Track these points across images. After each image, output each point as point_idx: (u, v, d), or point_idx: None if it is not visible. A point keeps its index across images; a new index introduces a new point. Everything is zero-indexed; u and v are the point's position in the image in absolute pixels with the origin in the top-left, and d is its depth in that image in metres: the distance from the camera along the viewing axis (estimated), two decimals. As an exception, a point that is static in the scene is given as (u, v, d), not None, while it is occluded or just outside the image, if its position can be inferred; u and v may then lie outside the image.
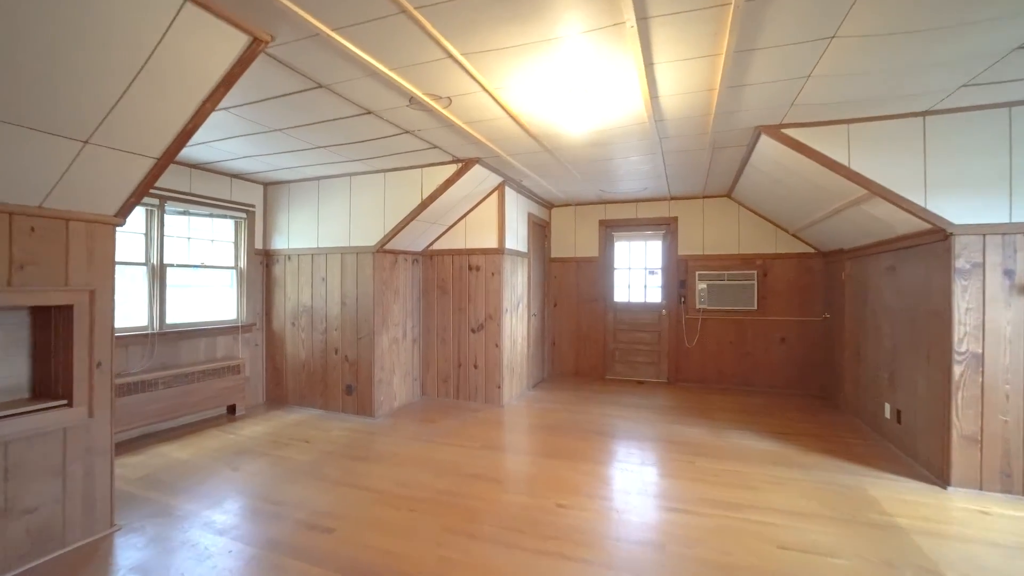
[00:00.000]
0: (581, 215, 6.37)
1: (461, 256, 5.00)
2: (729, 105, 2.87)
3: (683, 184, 5.07)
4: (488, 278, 4.88)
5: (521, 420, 4.43)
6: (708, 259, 5.77)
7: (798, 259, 5.42)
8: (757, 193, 4.82)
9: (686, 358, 5.87)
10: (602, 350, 6.25)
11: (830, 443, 3.76)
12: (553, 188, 5.34)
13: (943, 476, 3.00)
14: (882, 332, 3.85)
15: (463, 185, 4.35)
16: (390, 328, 4.66)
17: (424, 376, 5.20)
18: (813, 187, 3.64)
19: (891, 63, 2.34)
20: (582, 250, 6.36)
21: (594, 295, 6.28)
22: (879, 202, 3.18)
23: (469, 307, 4.96)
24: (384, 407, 4.58)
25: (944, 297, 3.00)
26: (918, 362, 3.30)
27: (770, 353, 5.51)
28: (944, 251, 3.00)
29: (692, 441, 3.82)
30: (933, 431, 3.11)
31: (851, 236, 4.18)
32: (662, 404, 5.00)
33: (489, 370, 4.89)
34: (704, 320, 5.77)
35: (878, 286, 3.92)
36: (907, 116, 3.00)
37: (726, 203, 5.72)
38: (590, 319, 6.30)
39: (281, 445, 3.72)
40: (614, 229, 6.26)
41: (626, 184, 5.09)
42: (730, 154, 3.92)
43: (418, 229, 4.64)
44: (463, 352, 5.00)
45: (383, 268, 4.56)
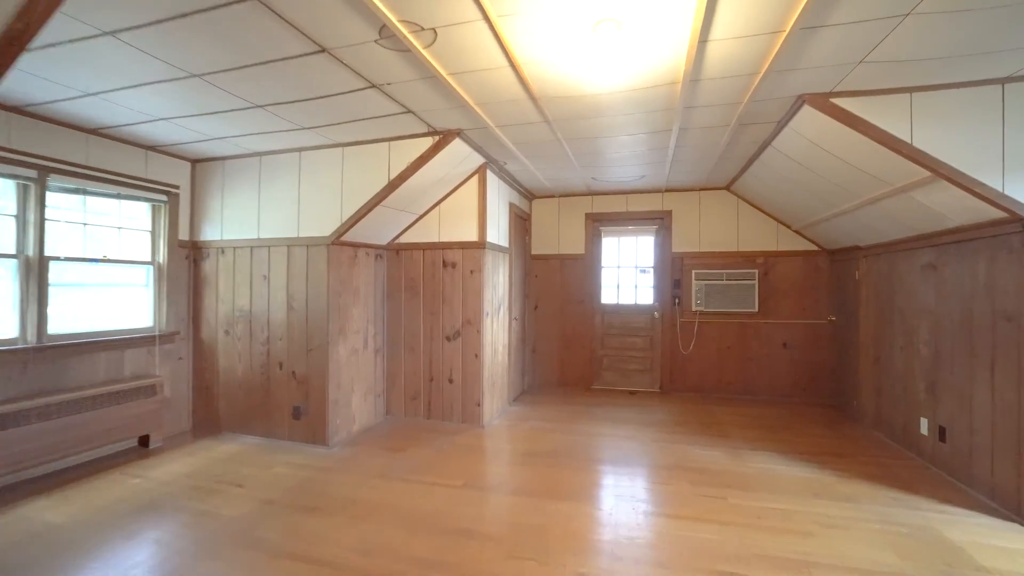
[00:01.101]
0: (566, 207, 5.75)
1: (434, 251, 4.26)
2: (787, 60, 2.29)
3: (685, 173, 4.54)
4: (466, 277, 4.16)
5: (508, 445, 3.74)
6: (705, 257, 5.28)
7: (802, 257, 5.01)
8: (764, 184, 4.34)
9: (681, 365, 5.35)
10: (589, 357, 5.65)
11: (865, 465, 3.29)
12: (540, 175, 4.68)
13: (1020, 511, 2.55)
14: (917, 338, 3.42)
15: (439, 164, 3.61)
16: (349, 336, 3.86)
17: (389, 392, 4.41)
18: (849, 172, 3.15)
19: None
20: (567, 246, 5.74)
21: (580, 296, 5.67)
22: (941, 187, 2.71)
23: (443, 310, 4.23)
24: (341, 433, 3.77)
25: (1020, 298, 2.55)
26: (976, 373, 2.86)
27: (773, 359, 5.08)
28: (1021, 244, 2.55)
29: (712, 468, 3.25)
30: (1002, 456, 2.67)
31: (875, 231, 3.75)
32: (663, 419, 4.44)
33: (467, 384, 4.17)
34: (701, 323, 5.28)
35: (911, 286, 3.50)
36: (983, 84, 2.54)
37: (724, 196, 5.25)
38: (576, 323, 5.68)
39: (205, 493, 2.86)
40: (602, 223, 5.68)
41: (623, 170, 4.50)
42: (753, 133, 3.38)
43: (383, 217, 3.86)
44: (436, 364, 4.25)
45: (340, 264, 3.75)
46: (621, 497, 2.82)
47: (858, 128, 2.67)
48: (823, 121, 2.81)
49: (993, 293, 2.73)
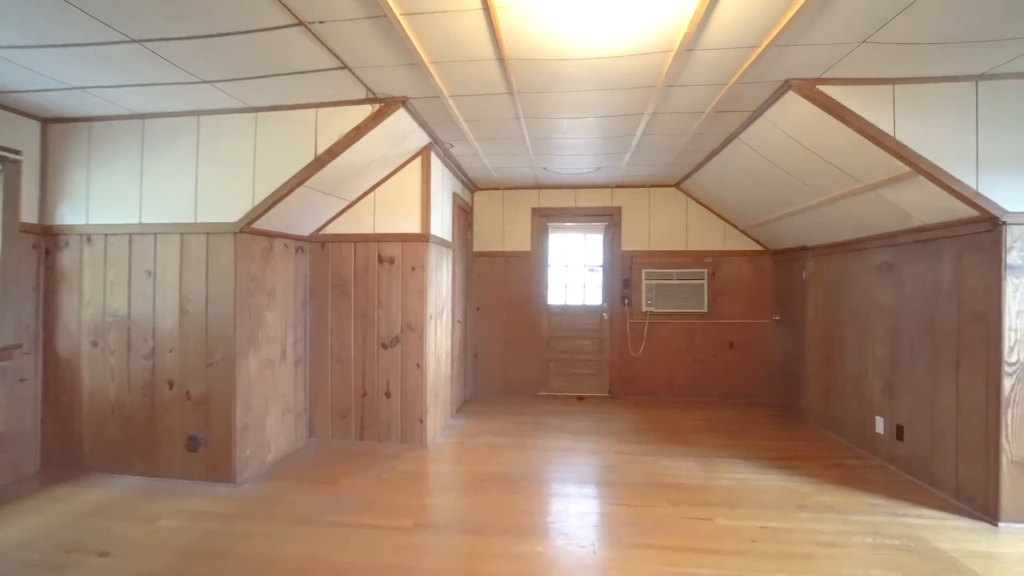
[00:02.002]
0: (511, 201, 5.35)
1: (368, 243, 3.65)
2: (796, 31, 2.04)
3: (642, 167, 4.32)
4: (407, 274, 3.60)
5: (458, 468, 3.25)
6: (655, 256, 5.13)
7: (747, 257, 5.03)
8: (719, 182, 4.25)
9: (631, 368, 5.16)
10: (536, 362, 5.28)
11: (831, 468, 3.22)
12: (488, 162, 4.23)
13: (989, 511, 2.53)
14: (872, 337, 3.43)
15: (378, 140, 3.04)
16: (262, 346, 3.15)
17: (313, 411, 3.72)
18: (820, 168, 3.05)
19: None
20: (512, 243, 5.34)
21: (526, 297, 5.30)
22: (914, 185, 2.65)
23: (379, 313, 3.63)
24: (252, 465, 3.05)
25: (990, 298, 2.54)
26: (939, 373, 2.85)
27: (720, 359, 5.04)
28: (991, 243, 2.54)
29: (688, 482, 3.00)
30: (968, 456, 2.66)
31: (829, 230, 3.75)
32: (622, 427, 4.17)
33: (408, 399, 3.61)
34: (651, 324, 5.12)
35: (865, 286, 3.51)
36: (959, 79, 2.49)
37: (674, 194, 5.14)
38: (521, 325, 5.30)
39: (49, 571, 2.07)
40: (550, 219, 5.35)
41: (579, 161, 4.18)
42: (724, 124, 3.20)
43: (307, 202, 3.20)
44: (371, 376, 3.64)
45: (251, 257, 3.04)
46: (601, 528, 2.45)
47: (843, 118, 2.52)
48: (805, 110, 2.65)
49: (960, 292, 2.72)
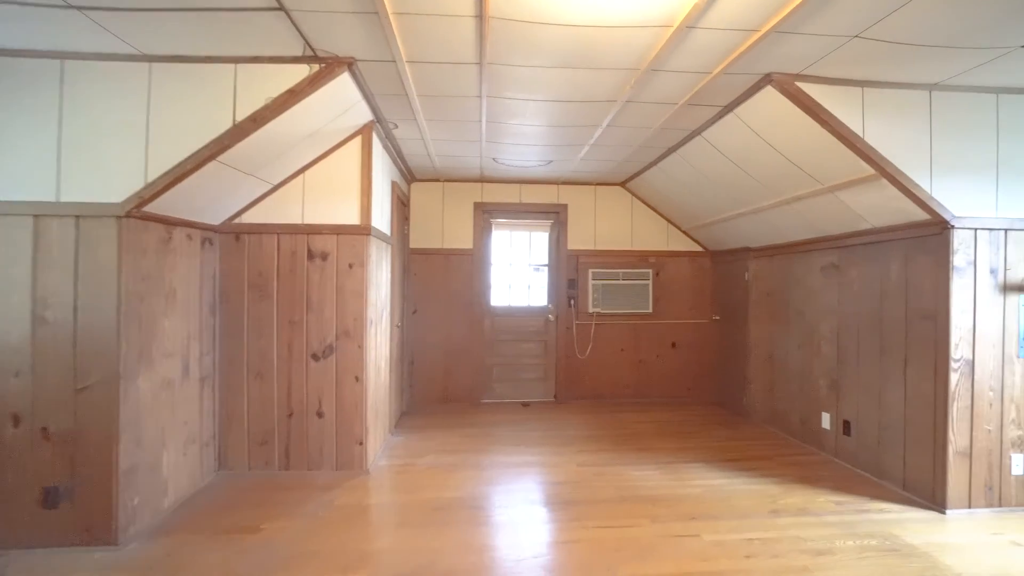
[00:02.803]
0: (452, 194, 4.95)
1: (296, 236, 3.07)
2: (799, 17, 1.92)
3: (597, 160, 4.15)
4: (343, 273, 3.08)
5: (407, 497, 2.81)
6: (601, 255, 5.03)
7: (688, 258, 5.10)
8: (670, 181, 4.22)
9: (577, 371, 5.01)
10: (478, 367, 4.93)
11: (788, 467, 3.26)
12: (433, 148, 3.81)
13: (936, 499, 2.66)
14: (818, 336, 3.55)
15: (315, 109, 2.52)
16: (157, 362, 2.47)
17: (225, 438, 3.05)
18: (782, 169, 3.06)
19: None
20: (452, 239, 4.94)
21: (468, 297, 4.93)
22: (874, 187, 2.72)
23: (309, 319, 3.07)
24: (143, 517, 2.37)
25: (938, 298, 2.67)
26: (887, 370, 2.97)
27: (663, 360, 5.06)
28: (939, 246, 2.67)
29: (661, 494, 2.85)
30: (916, 449, 2.78)
31: (776, 232, 3.85)
32: (574, 435, 3.97)
33: (344, 418, 3.09)
34: (598, 325, 5.01)
35: (811, 286, 3.64)
36: (916, 87, 2.58)
37: (619, 193, 5.07)
38: (462, 328, 4.92)
39: None
40: (493, 215, 5.03)
41: (533, 152, 3.91)
42: (692, 118, 3.09)
43: (220, 182, 2.58)
44: (299, 393, 3.07)
45: (142, 250, 2.36)
46: (591, 560, 2.18)
47: (819, 117, 2.50)
48: (779, 107, 2.61)
49: (908, 293, 2.85)
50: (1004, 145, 2.63)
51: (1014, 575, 2.06)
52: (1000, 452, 2.67)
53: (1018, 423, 2.68)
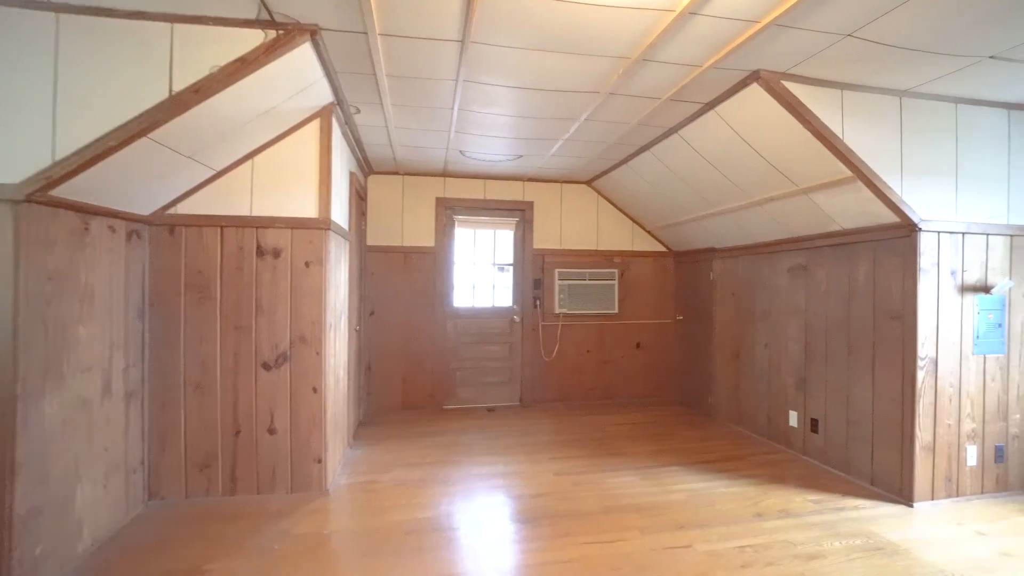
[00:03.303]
0: (413, 189, 4.66)
1: (244, 229, 2.70)
2: (801, 11, 1.87)
3: (568, 157, 4.02)
4: (300, 271, 2.75)
5: (374, 521, 2.54)
6: (567, 255, 4.92)
7: (652, 258, 5.10)
8: (640, 180, 4.17)
9: (543, 374, 4.87)
10: (441, 372, 4.68)
11: (760, 466, 3.28)
12: (394, 137, 3.53)
13: (903, 493, 2.75)
14: (786, 336, 3.61)
15: (270, 83, 2.20)
16: (69, 378, 2.05)
17: (157, 463, 2.63)
18: (758, 169, 3.07)
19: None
20: (413, 237, 4.65)
21: (429, 298, 4.66)
22: (849, 190, 2.76)
23: (260, 323, 2.71)
24: (47, 570, 1.95)
25: (906, 299, 2.75)
26: (855, 369, 3.05)
27: (628, 360, 5.03)
28: (907, 248, 2.75)
29: (643, 502, 2.75)
30: (884, 445, 2.86)
31: (744, 233, 3.89)
32: (545, 440, 3.83)
33: (301, 433, 2.76)
34: (564, 327, 4.90)
35: (777, 286, 3.70)
36: (888, 92, 2.64)
37: (585, 192, 4.99)
38: (423, 331, 4.64)
39: None
40: (456, 211, 4.79)
41: (503, 145, 3.72)
42: (672, 115, 3.03)
43: (151, 163, 2.19)
44: (247, 407, 2.70)
45: (49, 243, 1.94)
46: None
47: (803, 117, 2.49)
48: (762, 106, 2.58)
49: (876, 293, 2.92)
50: (961, 153, 2.75)
51: (989, 567, 2.12)
52: (957, 445, 2.79)
53: (972, 416, 2.82)
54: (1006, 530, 2.46)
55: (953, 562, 2.16)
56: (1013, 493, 2.88)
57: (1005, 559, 2.20)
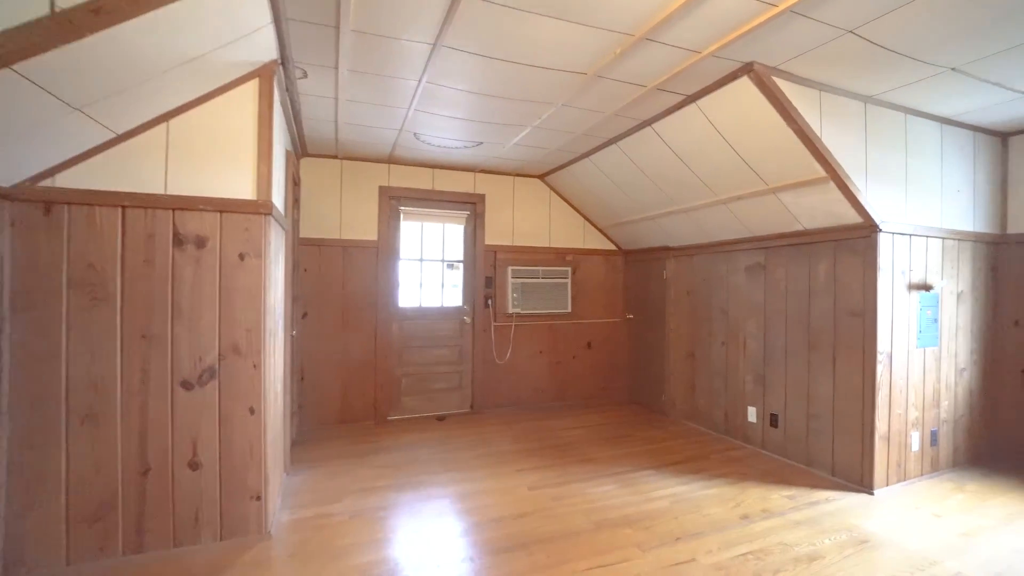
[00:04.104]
0: (354, 175, 4.14)
1: (155, 212, 2.11)
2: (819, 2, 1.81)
3: (531, 147, 3.78)
4: (231, 266, 2.22)
5: (333, 568, 2.12)
6: (520, 252, 4.69)
7: (602, 256, 5.04)
8: (601, 176, 4.06)
9: (495, 377, 4.60)
10: (384, 378, 4.22)
11: (727, 463, 3.29)
12: (341, 111, 3.06)
13: (864, 481, 2.87)
14: (744, 334, 3.68)
15: (198, 20, 1.71)
16: None
17: (24, 519, 1.96)
18: (731, 167, 3.06)
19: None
20: (353, 229, 4.14)
21: (372, 298, 4.18)
22: (818, 190, 2.82)
23: (177, 331, 2.14)
24: None
25: (866, 296, 2.87)
26: (815, 364, 3.16)
27: (579, 360, 4.92)
28: (867, 248, 2.87)
29: (630, 514, 2.60)
30: (845, 436, 2.98)
31: (699, 231, 3.92)
32: (508, 450, 3.56)
33: (233, 465, 2.23)
34: (517, 327, 4.66)
35: (735, 285, 3.76)
36: (857, 97, 2.73)
37: (538, 186, 4.79)
38: (365, 334, 4.16)
39: None
40: (402, 202, 4.35)
41: (464, 129, 3.39)
42: (652, 106, 2.91)
43: (17, 110, 1.58)
44: (159, 437, 2.12)
45: None
46: (596, 612, 1.80)
47: (787, 113, 2.48)
48: (747, 101, 2.54)
49: (837, 291, 3.04)
50: (908, 161, 2.94)
51: (959, 548, 2.23)
52: (905, 432, 2.98)
53: (916, 405, 3.03)
54: (953, 510, 2.64)
55: (930, 548, 2.24)
56: (942, 472, 3.14)
57: (966, 539, 2.34)
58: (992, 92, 2.65)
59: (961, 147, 3.17)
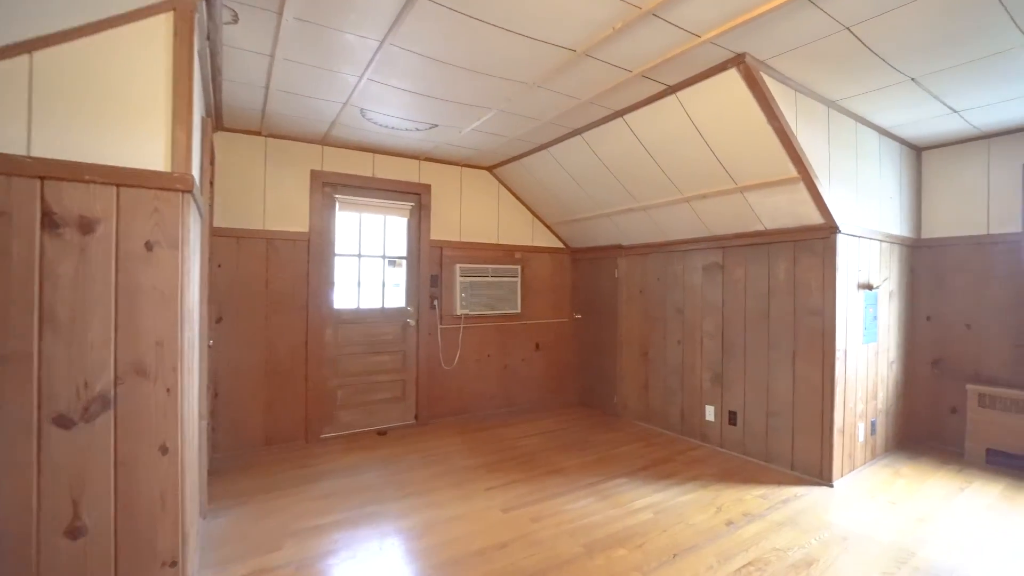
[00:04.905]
0: (280, 156, 3.54)
1: (9, 180, 1.51)
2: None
3: (487, 134, 3.47)
4: (134, 259, 1.67)
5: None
6: (468, 248, 4.36)
7: (550, 254, 4.87)
8: (557, 170, 3.86)
9: (442, 384, 4.23)
10: (316, 391, 3.67)
11: (692, 465, 3.25)
12: (278, 74, 2.54)
13: (823, 474, 2.96)
14: (702, 333, 3.69)
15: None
16: None
17: None
18: (702, 163, 3.00)
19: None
20: (279, 218, 3.54)
21: (301, 299, 3.61)
22: (786, 191, 2.85)
23: (47, 348, 1.55)
24: None
25: (825, 295, 2.96)
26: (774, 362, 3.21)
27: (528, 363, 4.70)
28: (826, 249, 2.96)
29: (616, 531, 2.41)
30: (804, 432, 3.06)
31: (656, 230, 3.88)
32: (465, 465, 3.24)
33: (136, 525, 1.68)
34: (466, 329, 4.32)
35: (691, 284, 3.76)
36: (822, 101, 2.78)
37: (486, 179, 4.49)
38: (293, 341, 3.58)
39: None
40: (339, 190, 3.81)
41: (417, 108, 3.00)
42: (629, 94, 2.76)
43: None
44: (18, 497, 1.52)
45: None
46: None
47: (770, 110, 2.45)
48: (731, 94, 2.48)
49: (796, 291, 3.11)
50: (859, 166, 3.09)
51: (922, 535, 2.32)
52: (854, 424, 3.13)
53: (862, 399, 3.20)
54: (902, 496, 2.79)
55: (901, 539, 2.31)
56: (879, 458, 3.37)
57: (922, 524, 2.46)
58: (930, 106, 2.84)
59: (892, 157, 3.41)
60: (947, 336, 3.58)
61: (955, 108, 2.87)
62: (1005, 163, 3.31)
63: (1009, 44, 2.15)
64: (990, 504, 2.69)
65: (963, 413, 3.45)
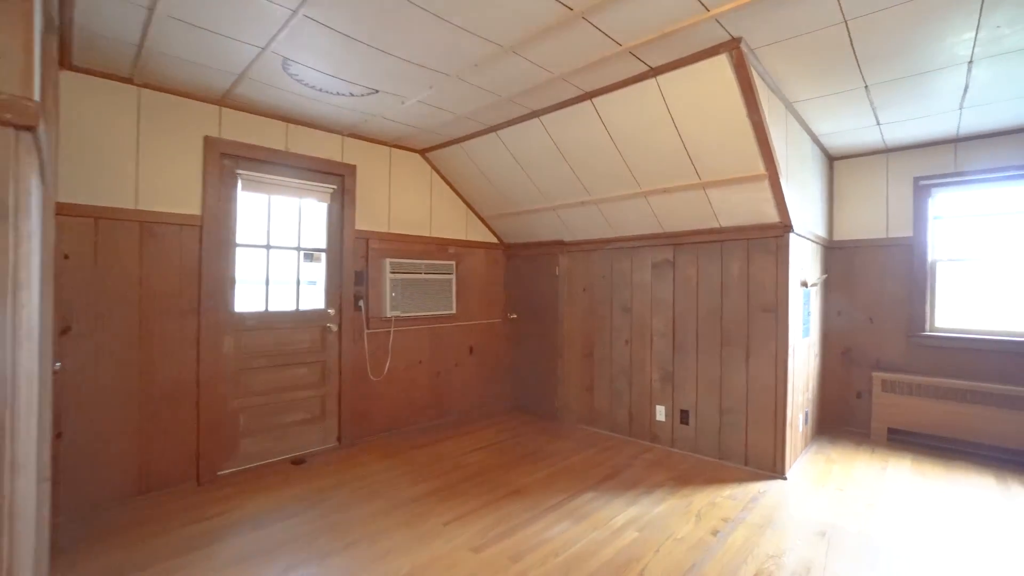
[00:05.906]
0: (161, 114, 2.71)
1: None
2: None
3: (440, 107, 3.00)
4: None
5: None
6: (398, 241, 3.83)
7: (484, 250, 4.51)
8: (504, 156, 3.53)
9: (368, 397, 3.65)
10: (213, 416, 2.90)
11: (651, 470, 3.13)
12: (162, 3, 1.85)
13: (777, 468, 3.02)
14: (651, 331, 3.61)
15: None
16: None
17: None
18: (669, 156, 2.88)
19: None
20: (159, 197, 2.72)
21: (190, 301, 2.82)
22: (749, 188, 2.83)
23: None
24: None
25: (778, 293, 3.02)
26: (727, 359, 3.22)
27: (462, 368, 4.30)
28: (779, 247, 3.02)
29: (606, 559, 2.16)
30: (757, 428, 3.10)
31: (603, 226, 3.73)
32: (411, 496, 2.76)
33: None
34: (397, 333, 3.79)
35: (640, 282, 3.67)
36: (784, 100, 2.81)
37: (418, 163, 3.99)
38: (179, 355, 2.78)
39: None
40: (242, 165, 3.06)
41: (364, 67, 2.46)
42: (608, 71, 2.52)
43: None
44: None
45: None
46: None
47: (752, 102, 2.38)
48: (714, 83, 2.37)
49: (750, 288, 3.14)
50: (804, 169, 3.21)
51: (881, 522, 2.42)
52: (796, 416, 3.26)
53: (800, 390, 3.35)
54: (843, 482, 2.94)
55: (867, 530, 2.37)
56: (810, 445, 3.57)
57: (873, 510, 2.58)
58: (862, 117, 3.03)
59: (818, 163, 3.64)
60: (854, 328, 3.94)
61: (880, 121, 3.10)
62: (901, 175, 3.71)
63: (941, 64, 2.31)
64: (910, 480, 2.94)
65: (867, 398, 3.81)
